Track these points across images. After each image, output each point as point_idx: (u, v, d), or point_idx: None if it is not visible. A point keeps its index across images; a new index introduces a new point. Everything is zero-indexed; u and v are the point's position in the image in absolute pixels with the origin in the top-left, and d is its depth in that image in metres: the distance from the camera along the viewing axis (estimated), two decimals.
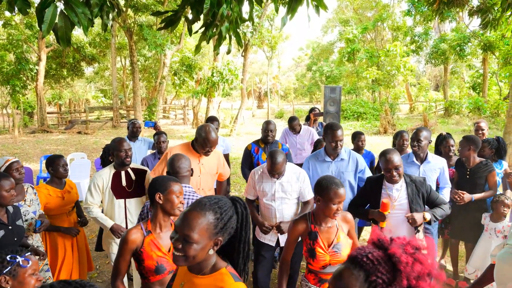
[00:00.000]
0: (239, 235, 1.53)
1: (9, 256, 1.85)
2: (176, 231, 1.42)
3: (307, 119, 6.74)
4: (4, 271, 1.82)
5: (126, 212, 3.33)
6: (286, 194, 3.26)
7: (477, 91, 24.20)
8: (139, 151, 5.12)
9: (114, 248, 3.33)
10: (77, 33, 24.38)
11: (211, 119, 5.17)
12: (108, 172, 3.36)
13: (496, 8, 4.64)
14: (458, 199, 3.75)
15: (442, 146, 4.29)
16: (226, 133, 17.73)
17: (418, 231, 3.03)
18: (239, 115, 18.82)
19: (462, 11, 7.91)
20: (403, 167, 2.99)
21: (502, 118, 17.31)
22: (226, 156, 5.16)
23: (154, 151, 5.01)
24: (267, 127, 4.60)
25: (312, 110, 6.84)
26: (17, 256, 1.87)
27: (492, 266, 2.36)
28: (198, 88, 18.51)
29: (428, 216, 2.90)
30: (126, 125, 5.24)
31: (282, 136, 6.24)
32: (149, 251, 2.14)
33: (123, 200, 3.33)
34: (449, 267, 4.67)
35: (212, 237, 1.42)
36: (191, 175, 2.95)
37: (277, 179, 3.22)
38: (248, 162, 4.57)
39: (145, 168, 3.58)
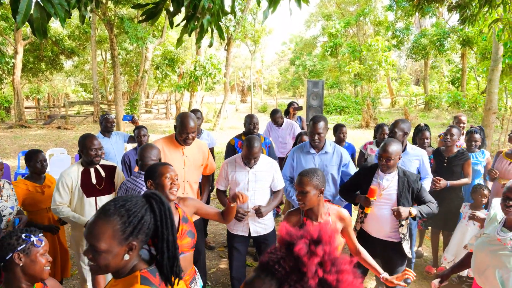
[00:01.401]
0: (160, 234, 1.44)
1: (24, 234, 1.91)
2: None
3: (286, 113, 6.76)
4: (19, 248, 1.88)
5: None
6: (259, 183, 3.31)
7: (456, 86, 24.69)
8: (116, 146, 5.04)
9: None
10: (55, 25, 23.79)
11: (193, 111, 5.13)
12: (76, 170, 3.25)
13: (474, 4, 4.72)
14: (435, 185, 3.87)
15: (417, 137, 4.37)
16: (209, 127, 17.64)
17: (402, 225, 3.07)
18: (223, 109, 18.75)
19: (442, 6, 8.03)
20: (396, 160, 3.02)
21: (479, 111, 17.72)
22: (211, 150, 5.15)
23: (135, 145, 4.94)
24: (251, 121, 4.61)
25: (291, 104, 6.86)
26: (32, 236, 1.93)
27: (469, 254, 2.42)
28: (181, 82, 18.34)
29: (414, 211, 2.93)
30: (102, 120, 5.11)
31: (266, 129, 6.25)
32: None
33: (93, 198, 3.25)
34: (429, 256, 4.79)
35: (122, 243, 1.34)
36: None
37: (251, 168, 3.28)
38: (231, 156, 4.55)
39: (114, 164, 3.50)
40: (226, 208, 2.46)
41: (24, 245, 1.89)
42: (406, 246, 3.08)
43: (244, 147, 3.22)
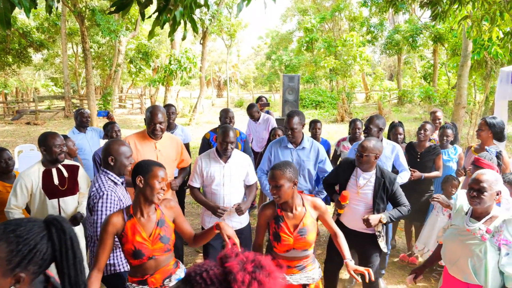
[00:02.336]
0: (60, 266, 1.28)
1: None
2: None
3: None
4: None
5: (61, 212, 3.10)
6: (235, 178, 3.31)
7: (428, 81, 25.34)
8: (92, 141, 4.89)
9: None
10: (23, 16, 22.88)
11: (167, 106, 5.04)
12: (36, 171, 3.05)
13: (444, 1, 4.83)
14: (411, 176, 3.96)
15: (391, 133, 4.45)
16: (185, 122, 17.45)
17: (380, 236, 3.11)
18: (198, 104, 18.57)
19: (414, 3, 8.18)
20: (372, 157, 3.03)
21: (450, 106, 18.24)
22: (187, 146, 5.07)
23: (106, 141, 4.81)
24: (227, 115, 4.57)
25: (259, 99, 6.84)
26: None
27: (440, 247, 2.48)
28: (155, 77, 18.06)
29: (384, 219, 2.97)
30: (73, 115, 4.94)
31: (247, 127, 6.25)
32: (129, 235, 2.11)
33: (56, 200, 3.09)
34: (402, 246, 4.91)
35: (7, 274, 1.17)
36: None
37: (225, 162, 3.27)
38: (206, 150, 4.51)
39: (77, 163, 3.35)
40: (206, 231, 2.31)
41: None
42: (382, 242, 3.14)
43: (219, 135, 3.21)
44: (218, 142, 3.26)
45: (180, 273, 2.33)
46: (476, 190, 2.19)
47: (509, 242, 2.07)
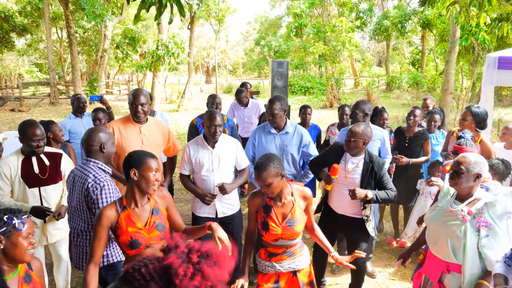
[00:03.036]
0: None
1: (6, 216, 1.82)
2: None
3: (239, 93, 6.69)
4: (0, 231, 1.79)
5: (42, 201, 3.02)
6: (223, 164, 3.29)
7: (416, 67, 25.46)
8: (88, 126, 4.77)
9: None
10: (3, 0, 22.25)
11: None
12: (15, 159, 2.95)
13: None
14: (398, 162, 4.03)
15: (377, 118, 4.48)
16: (173, 108, 17.30)
17: (365, 207, 3.14)
18: (187, 90, 18.40)
19: None
20: (360, 143, 3.02)
21: (437, 92, 18.40)
22: None
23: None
24: (214, 100, 4.54)
25: (243, 84, 6.76)
26: (14, 218, 1.83)
27: (425, 230, 2.54)
28: (143, 62, 17.75)
29: (370, 194, 2.96)
30: (69, 101, 4.87)
31: (230, 109, 6.18)
32: (124, 226, 2.11)
33: (37, 188, 3.00)
34: (389, 230, 4.99)
35: None
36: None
37: (213, 148, 3.26)
38: (194, 136, 4.48)
39: (60, 151, 3.25)
40: (197, 228, 2.30)
41: (5, 228, 1.80)
42: (369, 227, 3.17)
43: (206, 120, 3.20)
44: (205, 127, 3.24)
45: None
46: (454, 171, 2.26)
47: (489, 224, 2.12)
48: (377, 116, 4.50)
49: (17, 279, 1.87)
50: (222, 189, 3.20)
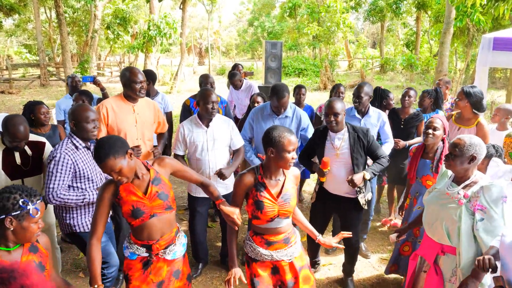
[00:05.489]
0: None
1: (22, 200, 1.78)
2: None
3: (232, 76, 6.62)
4: (12, 214, 1.76)
5: None
6: (218, 143, 3.30)
7: (410, 49, 25.35)
8: None
9: None
10: None
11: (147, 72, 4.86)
12: None
13: None
14: (397, 146, 4.01)
15: (386, 100, 4.42)
16: (166, 90, 17.11)
17: (360, 192, 3.14)
18: (179, 71, 18.20)
19: None
20: (343, 116, 3.05)
21: (431, 74, 18.39)
22: (169, 115, 4.96)
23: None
24: (207, 80, 4.48)
25: (235, 66, 6.66)
26: (29, 203, 1.80)
27: (423, 210, 2.55)
28: (134, 43, 17.48)
29: (368, 175, 2.99)
30: (60, 83, 4.81)
31: (229, 94, 6.14)
32: (125, 197, 2.13)
33: (19, 180, 2.90)
34: (385, 211, 5.04)
35: None
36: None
37: (207, 127, 3.27)
38: (188, 117, 4.43)
39: (42, 139, 3.11)
40: (213, 194, 2.43)
41: (18, 212, 1.77)
42: (361, 199, 3.17)
43: (201, 98, 3.19)
44: (201, 105, 3.22)
45: (180, 242, 2.35)
46: (449, 153, 2.27)
47: (484, 208, 2.12)
48: (386, 98, 4.42)
49: (20, 250, 1.87)
50: (221, 175, 3.22)
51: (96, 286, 2.05)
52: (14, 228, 1.78)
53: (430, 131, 3.07)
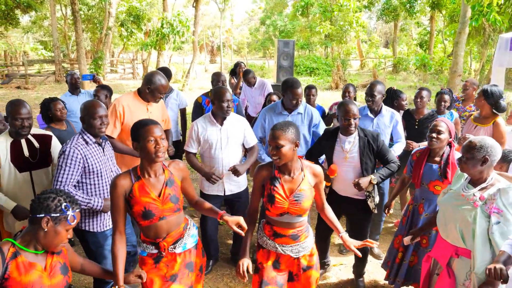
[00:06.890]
0: None
1: (65, 205, 1.84)
2: None
3: (233, 73, 6.63)
4: (52, 214, 1.81)
5: (34, 186, 2.91)
6: (231, 141, 3.32)
7: (423, 49, 25.02)
8: None
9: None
10: None
11: (164, 70, 4.92)
12: (3, 142, 2.82)
13: None
14: (409, 147, 3.97)
15: (397, 101, 4.38)
16: (178, 87, 17.20)
17: (369, 196, 3.13)
18: (191, 69, 18.28)
19: None
20: (358, 120, 3.07)
21: (445, 74, 18.16)
22: (183, 111, 5.02)
23: None
24: (219, 78, 4.51)
25: (237, 65, 6.69)
26: (70, 209, 1.86)
27: (437, 212, 2.53)
28: (147, 41, 17.61)
29: (375, 180, 3.00)
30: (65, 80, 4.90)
31: (242, 92, 6.16)
32: (138, 196, 2.13)
33: (28, 173, 2.89)
34: (396, 212, 5.01)
35: None
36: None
37: (221, 125, 3.30)
38: (199, 114, 4.43)
39: (48, 132, 3.13)
40: (212, 210, 2.34)
41: (58, 214, 1.82)
42: (371, 203, 3.17)
43: (216, 96, 3.21)
44: (216, 103, 3.23)
45: (189, 234, 2.35)
46: (461, 156, 2.26)
47: (500, 211, 2.09)
48: (398, 98, 4.36)
49: (46, 253, 1.92)
50: (236, 171, 3.24)
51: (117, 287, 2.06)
52: (47, 229, 1.81)
53: (434, 134, 2.97)
